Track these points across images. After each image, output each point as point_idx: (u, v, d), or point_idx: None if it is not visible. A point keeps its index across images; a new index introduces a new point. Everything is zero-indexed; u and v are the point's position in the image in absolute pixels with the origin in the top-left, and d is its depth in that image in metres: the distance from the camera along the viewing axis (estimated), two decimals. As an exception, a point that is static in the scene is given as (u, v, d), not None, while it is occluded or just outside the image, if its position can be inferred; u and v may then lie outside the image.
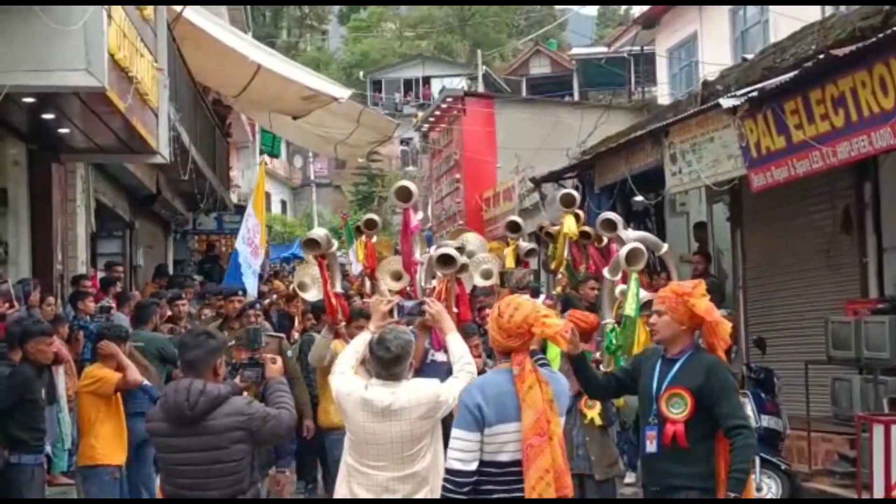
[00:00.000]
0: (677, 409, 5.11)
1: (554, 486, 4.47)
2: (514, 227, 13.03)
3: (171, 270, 18.25)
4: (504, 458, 4.59)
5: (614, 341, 7.60)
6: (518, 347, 4.65)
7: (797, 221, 11.80)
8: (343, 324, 8.15)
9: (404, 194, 8.54)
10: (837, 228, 11.13)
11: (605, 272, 7.83)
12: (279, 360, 5.69)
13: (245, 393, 5.44)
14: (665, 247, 8.40)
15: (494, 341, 4.76)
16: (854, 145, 9.01)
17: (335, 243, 8.23)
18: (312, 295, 10.27)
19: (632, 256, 7.60)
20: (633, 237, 8.33)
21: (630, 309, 7.68)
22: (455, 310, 8.97)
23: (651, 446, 5.21)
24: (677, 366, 5.22)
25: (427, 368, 8.82)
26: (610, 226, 8.75)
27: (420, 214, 9.66)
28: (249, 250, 13.10)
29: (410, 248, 8.72)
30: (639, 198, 14.42)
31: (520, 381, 4.58)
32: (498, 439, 4.59)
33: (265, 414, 5.12)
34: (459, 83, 41.84)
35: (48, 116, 10.42)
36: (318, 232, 8.22)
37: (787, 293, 12.06)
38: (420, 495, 5.12)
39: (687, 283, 5.40)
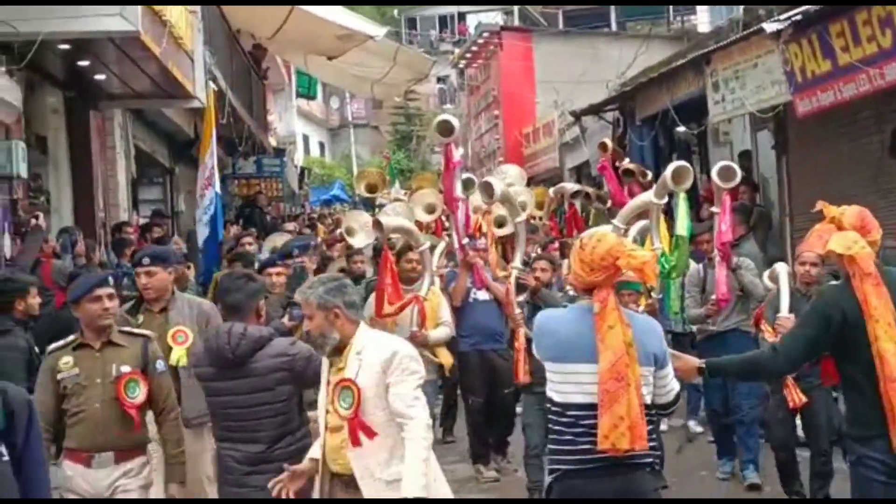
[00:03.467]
0: None
1: (628, 436, 4.12)
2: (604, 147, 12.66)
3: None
4: (580, 399, 4.24)
5: (666, 265, 7.46)
6: (602, 282, 4.28)
7: (844, 147, 11.56)
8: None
9: (446, 128, 8.32)
10: (885, 153, 10.90)
11: (652, 196, 7.68)
12: None
13: (294, 332, 5.43)
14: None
15: (577, 276, 4.41)
16: (903, 66, 8.80)
17: (425, 242, 8.13)
18: (359, 240, 10.24)
19: (678, 175, 7.47)
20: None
21: (682, 228, 7.52)
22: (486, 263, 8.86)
23: None
24: None
25: (470, 307, 8.80)
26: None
27: (461, 150, 9.49)
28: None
29: (452, 184, 8.50)
30: (681, 128, 14.20)
31: (600, 319, 4.22)
32: (571, 379, 4.28)
33: (309, 354, 5.10)
34: (495, 18, 41.34)
35: (84, 63, 10.45)
36: (391, 221, 8.14)
37: (836, 221, 11.86)
38: None
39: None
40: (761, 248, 11.11)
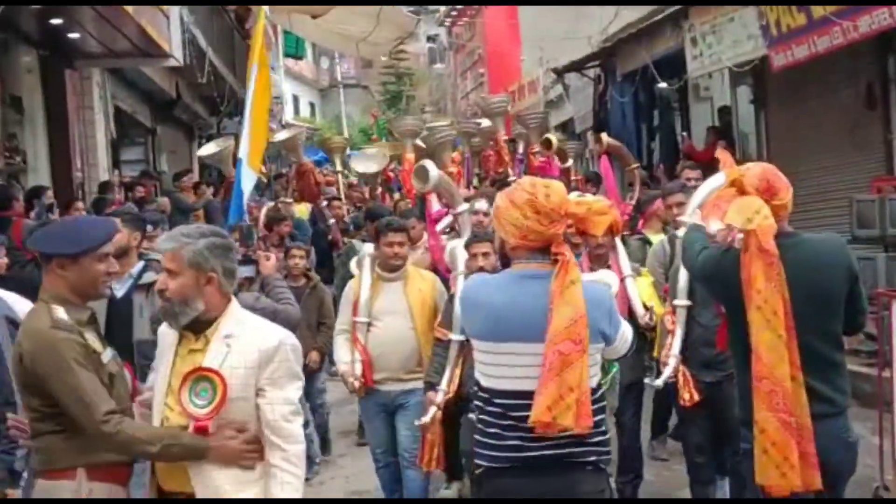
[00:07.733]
0: None
1: (574, 410, 3.31)
2: (547, 144, 12.11)
3: (196, 176, 18.17)
4: (511, 385, 3.46)
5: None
6: (558, 237, 3.52)
7: (821, 100, 11.57)
8: None
9: (422, 175, 6.81)
10: (861, 105, 10.92)
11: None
12: (273, 256, 5.68)
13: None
14: None
15: (531, 232, 3.52)
16: (875, 18, 8.83)
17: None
18: None
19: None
20: None
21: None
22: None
23: None
24: None
25: None
26: None
27: (448, 205, 7.45)
28: None
29: (438, 242, 7.12)
30: (662, 84, 14.19)
31: (564, 271, 3.40)
32: (504, 360, 3.48)
33: (274, 308, 5.20)
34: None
35: (57, 22, 10.38)
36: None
37: (813, 173, 11.85)
38: None
39: None
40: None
